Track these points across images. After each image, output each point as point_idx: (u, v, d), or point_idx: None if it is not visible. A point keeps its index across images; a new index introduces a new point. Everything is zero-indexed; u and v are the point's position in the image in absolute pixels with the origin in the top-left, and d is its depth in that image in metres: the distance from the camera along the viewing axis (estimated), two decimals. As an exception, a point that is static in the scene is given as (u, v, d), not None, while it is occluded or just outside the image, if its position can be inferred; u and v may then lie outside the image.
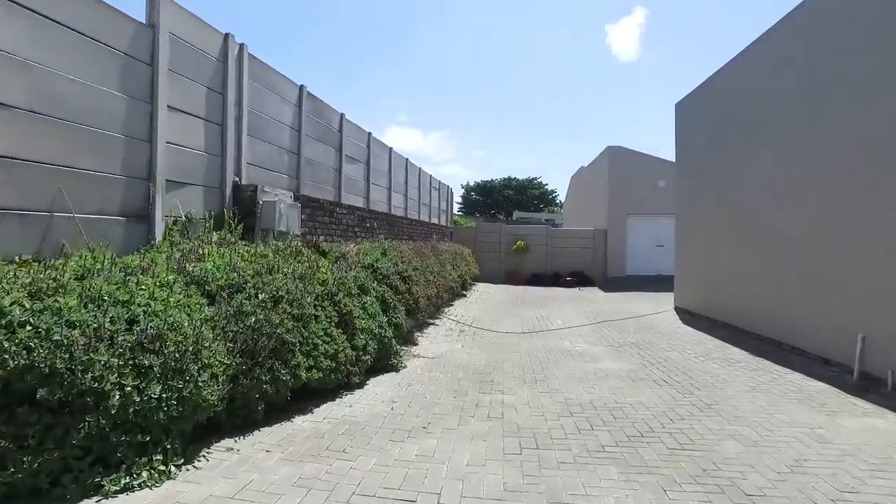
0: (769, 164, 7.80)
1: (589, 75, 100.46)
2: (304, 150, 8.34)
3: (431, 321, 9.25)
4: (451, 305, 11.73)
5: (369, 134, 11.48)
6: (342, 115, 9.95)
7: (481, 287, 16.35)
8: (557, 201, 51.73)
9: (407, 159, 14.57)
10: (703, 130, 10.43)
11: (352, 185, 10.49)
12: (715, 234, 9.66)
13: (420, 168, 16.03)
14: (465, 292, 14.15)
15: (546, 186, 54.36)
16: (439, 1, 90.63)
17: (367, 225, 10.58)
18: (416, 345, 7.33)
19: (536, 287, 17.14)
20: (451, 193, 22.30)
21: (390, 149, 13.05)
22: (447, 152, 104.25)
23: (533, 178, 54.27)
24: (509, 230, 19.60)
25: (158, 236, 5.29)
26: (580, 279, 17.84)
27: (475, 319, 9.87)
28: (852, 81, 6.06)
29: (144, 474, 3.01)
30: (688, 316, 10.50)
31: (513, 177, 54.14)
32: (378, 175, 12.11)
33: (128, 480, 2.96)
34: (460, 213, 48.80)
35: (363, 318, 5.54)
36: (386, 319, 6.15)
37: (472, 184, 55.28)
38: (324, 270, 5.53)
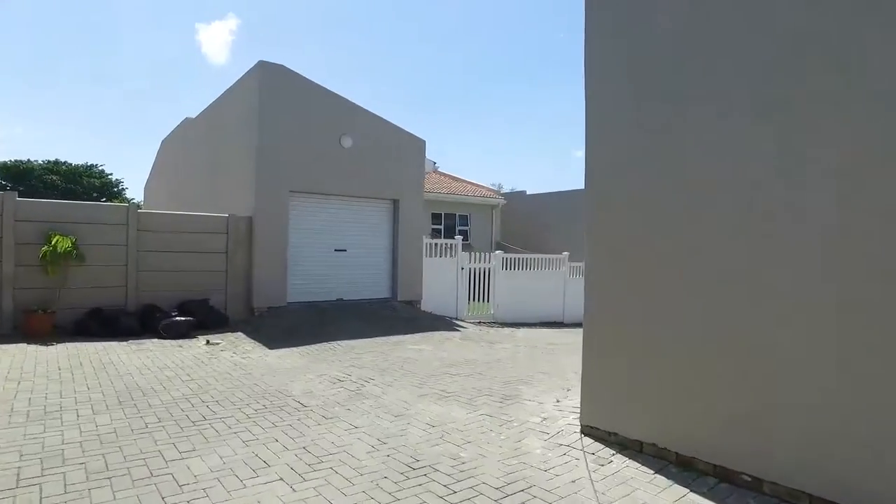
0: None
1: (175, 70, 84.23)
2: None
3: None
4: None
5: None
6: None
7: None
8: (126, 196, 38.48)
9: None
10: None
11: None
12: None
13: None
14: None
15: (111, 176, 39.93)
16: None
17: None
18: None
19: (100, 343, 7.43)
20: None
21: None
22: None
23: (93, 165, 39.01)
24: (32, 211, 8.54)
25: None
26: (204, 316, 9.01)
27: None
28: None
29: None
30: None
31: (63, 160, 37.55)
32: None
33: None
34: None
35: None
36: None
37: (-4, 163, 35.14)
38: None
